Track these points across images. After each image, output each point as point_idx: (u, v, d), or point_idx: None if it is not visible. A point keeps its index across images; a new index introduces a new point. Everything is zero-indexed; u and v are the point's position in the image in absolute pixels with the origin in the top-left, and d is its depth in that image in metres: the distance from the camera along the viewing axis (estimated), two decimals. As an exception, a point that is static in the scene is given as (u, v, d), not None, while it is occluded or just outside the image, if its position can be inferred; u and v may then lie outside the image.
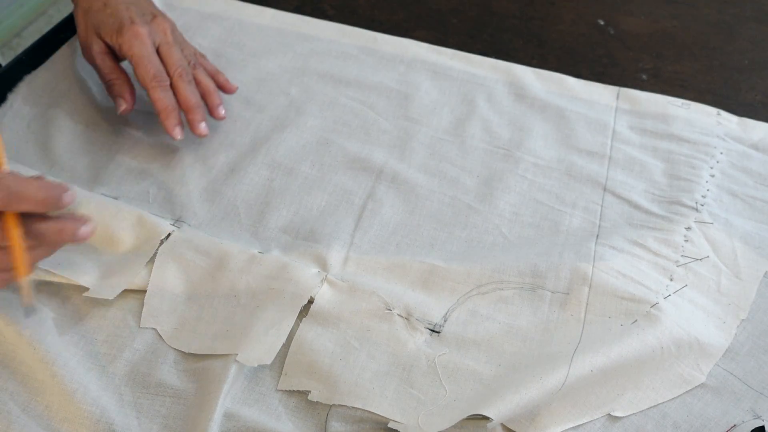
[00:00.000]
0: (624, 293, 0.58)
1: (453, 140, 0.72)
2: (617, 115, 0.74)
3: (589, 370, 0.52)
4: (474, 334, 0.56)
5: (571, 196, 0.67)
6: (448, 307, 0.58)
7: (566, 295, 0.58)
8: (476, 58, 0.80)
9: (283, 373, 0.54)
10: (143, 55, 0.66)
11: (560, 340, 0.56)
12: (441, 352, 0.55)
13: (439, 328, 0.57)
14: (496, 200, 0.66)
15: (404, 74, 0.78)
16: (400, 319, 0.57)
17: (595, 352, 0.53)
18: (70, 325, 0.55)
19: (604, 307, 0.57)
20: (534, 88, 0.77)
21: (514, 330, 0.57)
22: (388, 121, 0.73)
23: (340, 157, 0.70)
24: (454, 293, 0.59)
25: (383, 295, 0.58)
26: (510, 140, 0.72)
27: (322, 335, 0.56)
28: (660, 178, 0.68)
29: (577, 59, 0.83)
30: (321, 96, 0.75)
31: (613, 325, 0.56)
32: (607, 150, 0.71)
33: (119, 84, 0.68)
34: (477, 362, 0.55)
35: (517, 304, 0.58)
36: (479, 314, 0.58)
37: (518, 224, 0.65)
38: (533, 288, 0.59)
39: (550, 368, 0.52)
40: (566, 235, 0.64)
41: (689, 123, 0.73)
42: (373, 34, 0.82)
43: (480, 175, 0.69)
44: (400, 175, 0.68)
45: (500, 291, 0.59)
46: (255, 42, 0.80)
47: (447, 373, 0.54)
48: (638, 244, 0.62)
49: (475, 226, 0.64)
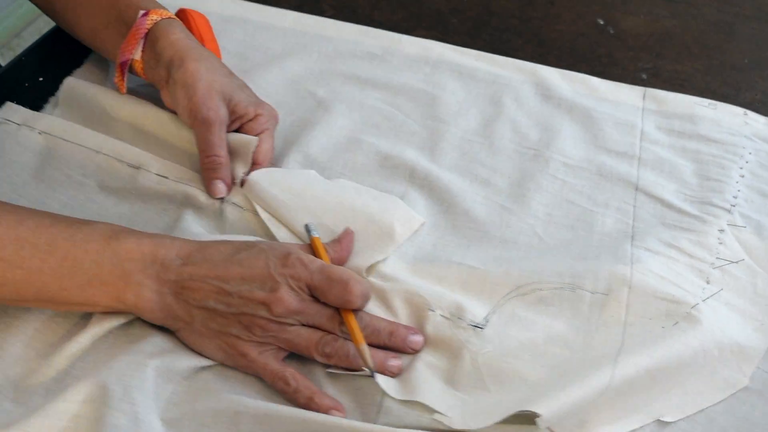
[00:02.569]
0: (664, 294, 0.57)
1: (482, 141, 0.70)
2: (644, 115, 0.74)
3: (634, 370, 0.51)
4: (516, 334, 0.55)
5: (603, 196, 0.66)
6: (488, 309, 0.57)
7: (606, 296, 0.57)
8: (501, 59, 0.79)
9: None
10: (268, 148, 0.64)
11: (601, 343, 0.55)
12: (485, 350, 0.54)
13: (482, 325, 0.55)
14: (529, 200, 0.65)
15: (430, 75, 0.76)
16: (443, 320, 0.55)
17: (639, 353, 0.52)
18: None
19: (645, 308, 0.56)
20: (560, 89, 0.75)
21: (555, 332, 0.55)
22: (416, 122, 0.72)
23: (371, 157, 0.68)
24: (493, 295, 0.57)
25: (425, 295, 0.56)
26: (539, 141, 0.70)
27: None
28: (690, 178, 0.67)
29: (576, 59, 0.82)
30: (348, 97, 0.73)
31: (655, 327, 0.55)
32: (636, 150, 0.70)
33: (225, 165, 0.62)
34: (520, 361, 0.54)
35: (556, 305, 0.57)
36: (519, 316, 0.56)
37: (552, 225, 0.64)
38: (573, 288, 0.57)
39: (595, 368, 0.51)
40: (600, 236, 0.63)
41: (717, 123, 0.72)
42: (396, 35, 0.81)
43: (511, 176, 0.67)
44: (432, 175, 0.67)
45: (539, 292, 0.57)
46: (278, 44, 0.79)
47: (491, 374, 0.53)
48: (673, 246, 0.61)
49: (510, 226, 0.63)
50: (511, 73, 0.77)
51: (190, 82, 0.62)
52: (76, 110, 0.70)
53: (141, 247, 0.52)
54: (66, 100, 0.71)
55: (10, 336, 0.53)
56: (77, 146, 0.66)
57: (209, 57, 0.66)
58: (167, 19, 0.67)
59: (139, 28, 0.65)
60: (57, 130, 0.67)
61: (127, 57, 0.66)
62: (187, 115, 0.63)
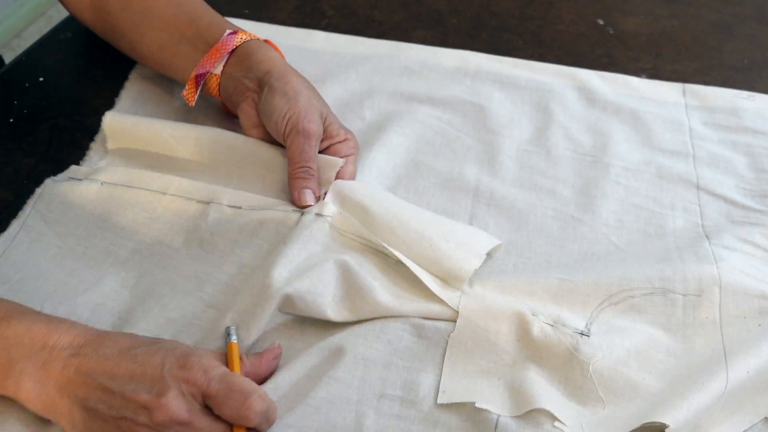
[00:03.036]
0: (754, 291, 0.57)
1: (539, 151, 0.70)
2: (688, 111, 0.74)
3: (745, 372, 0.51)
4: (622, 340, 0.54)
5: (668, 197, 0.66)
6: (586, 319, 0.55)
7: (698, 298, 0.56)
8: (538, 65, 0.78)
9: (441, 390, 0.51)
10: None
11: (702, 347, 0.54)
12: (594, 358, 0.52)
13: (587, 332, 0.54)
14: (597, 209, 0.65)
15: (472, 87, 0.75)
16: (548, 326, 0.54)
17: (745, 353, 0.52)
18: None
19: (738, 307, 0.56)
20: (602, 91, 0.75)
21: (655, 339, 0.55)
22: (469, 136, 0.70)
23: (432, 178, 0.66)
24: (586, 306, 0.56)
25: (527, 300, 0.55)
26: (594, 146, 0.70)
27: (474, 352, 0.53)
28: (746, 172, 0.69)
29: (576, 59, 0.82)
30: (396, 115, 0.71)
31: (752, 326, 0.55)
32: (689, 148, 0.71)
33: (316, 177, 0.61)
34: (631, 370, 0.53)
35: (649, 311, 0.56)
36: (616, 326, 0.55)
37: (625, 231, 0.63)
38: (664, 292, 0.57)
39: (708, 374, 0.51)
40: (674, 238, 0.63)
41: (759, 114, 0.74)
42: (432, 48, 0.80)
43: (575, 185, 0.67)
44: (497, 192, 0.65)
45: (631, 299, 0.57)
46: (314, 67, 0.76)
47: (604, 383, 0.52)
48: (748, 242, 0.61)
49: (585, 238, 0.63)
50: (551, 78, 0.77)
51: (292, 93, 0.62)
52: (131, 148, 0.67)
53: (31, 331, 0.48)
54: (114, 136, 0.67)
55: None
56: (142, 191, 0.63)
57: (306, 79, 0.67)
58: (259, 40, 0.68)
59: (226, 44, 0.66)
60: (120, 178, 0.63)
61: (207, 69, 0.66)
62: (284, 123, 0.62)
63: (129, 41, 0.72)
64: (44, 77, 0.76)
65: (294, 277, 0.55)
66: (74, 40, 0.77)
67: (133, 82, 0.75)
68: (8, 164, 0.68)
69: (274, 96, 0.63)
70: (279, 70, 0.65)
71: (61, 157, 0.68)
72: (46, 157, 0.68)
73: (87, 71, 0.78)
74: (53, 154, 0.69)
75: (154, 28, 0.70)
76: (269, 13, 0.86)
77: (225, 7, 0.86)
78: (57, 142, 0.70)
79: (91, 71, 0.78)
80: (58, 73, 0.77)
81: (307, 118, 0.62)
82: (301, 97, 0.63)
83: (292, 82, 0.64)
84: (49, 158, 0.68)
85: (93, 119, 0.71)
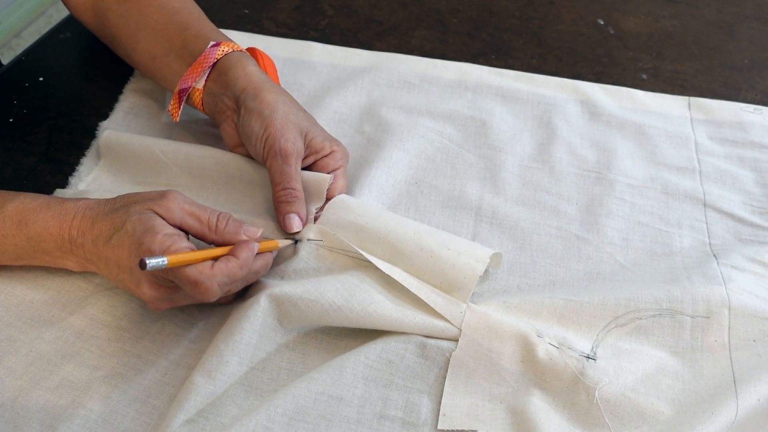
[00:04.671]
0: (765, 313, 0.55)
1: (542, 167, 0.68)
2: (694, 125, 0.72)
3: (756, 399, 0.50)
4: (629, 364, 0.53)
5: (674, 215, 0.65)
6: (592, 342, 0.54)
7: (707, 320, 0.55)
8: (540, 78, 0.76)
9: (442, 413, 0.50)
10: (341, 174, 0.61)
11: (711, 371, 0.53)
12: (601, 383, 0.51)
13: (593, 356, 0.53)
14: (602, 227, 0.63)
15: (473, 101, 0.73)
16: (553, 348, 0.52)
17: (756, 380, 0.51)
18: None
19: (747, 329, 0.55)
20: (606, 105, 0.73)
21: (662, 363, 0.53)
22: (470, 152, 0.68)
23: (433, 197, 0.65)
24: (592, 327, 0.55)
25: (532, 321, 0.53)
26: (598, 162, 0.68)
27: (476, 371, 0.52)
28: (753, 188, 0.67)
29: (576, 59, 0.80)
30: (396, 130, 0.69)
31: (762, 349, 0.54)
32: (695, 164, 0.69)
33: (301, 199, 0.59)
34: (637, 394, 0.51)
35: (657, 334, 0.55)
36: (622, 349, 0.54)
37: (631, 250, 0.62)
38: (672, 314, 0.55)
39: (718, 402, 0.50)
40: (682, 257, 0.61)
41: (766, 129, 0.72)
42: (430, 60, 0.77)
43: (579, 202, 0.65)
44: (500, 211, 0.64)
45: (638, 321, 0.55)
46: (312, 81, 0.74)
47: (610, 409, 0.51)
48: (756, 261, 0.60)
49: (590, 258, 0.61)
50: (553, 92, 0.75)
51: (267, 113, 0.60)
52: (122, 163, 0.66)
53: (49, 229, 0.54)
54: (108, 152, 0.67)
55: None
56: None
57: (284, 92, 0.63)
58: (240, 52, 0.65)
59: (208, 58, 0.64)
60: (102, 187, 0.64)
61: (189, 84, 0.64)
62: (262, 146, 0.60)
63: (125, 49, 0.71)
64: (44, 77, 0.76)
65: (285, 284, 0.54)
66: (74, 40, 0.77)
67: (127, 95, 0.73)
68: (8, 164, 0.68)
69: (250, 118, 0.60)
70: (254, 87, 0.62)
71: (60, 157, 0.68)
72: (46, 157, 0.68)
73: (87, 71, 0.77)
74: (53, 153, 0.68)
75: (147, 38, 0.68)
76: (269, 13, 0.86)
77: (225, 7, 0.86)
78: (57, 142, 0.70)
79: (91, 71, 0.77)
80: (58, 73, 0.76)
81: (284, 137, 0.59)
82: (277, 115, 0.60)
83: (266, 100, 0.61)
84: (49, 158, 0.68)
85: (92, 119, 0.71)
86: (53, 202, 0.56)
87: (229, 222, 0.54)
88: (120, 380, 0.52)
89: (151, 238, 0.50)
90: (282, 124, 0.60)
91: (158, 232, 0.51)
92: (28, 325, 0.55)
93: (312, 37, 0.82)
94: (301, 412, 0.50)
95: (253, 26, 0.83)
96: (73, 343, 0.54)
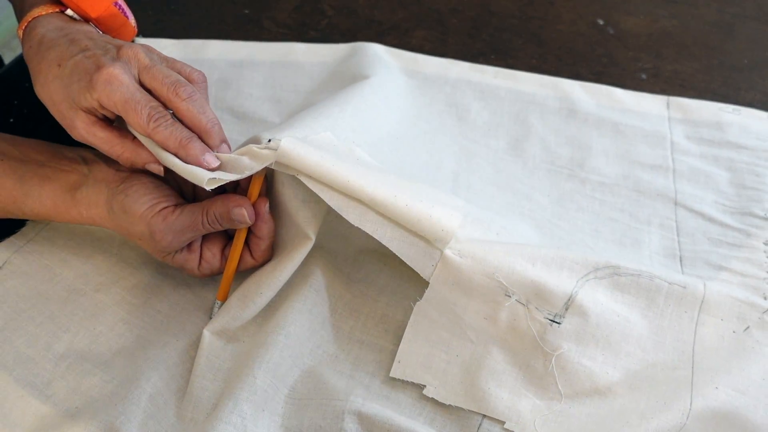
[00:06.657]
0: (738, 294, 0.54)
1: (515, 161, 0.68)
2: (671, 125, 0.72)
3: (713, 387, 0.49)
4: (594, 328, 0.52)
5: (645, 212, 0.64)
6: (569, 291, 0.52)
7: (683, 289, 0.54)
8: (520, 74, 0.76)
9: (397, 359, 0.51)
10: (127, 98, 0.50)
11: (673, 345, 0.52)
12: (559, 350, 0.51)
13: (559, 319, 0.52)
14: (573, 219, 0.64)
15: (451, 95, 0.74)
16: (520, 306, 0.52)
17: (715, 370, 0.50)
18: None
19: (719, 307, 0.54)
20: (584, 103, 0.73)
21: (630, 326, 0.52)
22: (446, 136, 0.69)
23: (414, 156, 0.65)
24: (572, 273, 0.53)
25: (502, 279, 0.52)
26: (571, 159, 0.68)
27: (437, 322, 0.52)
28: (727, 188, 0.66)
29: (576, 59, 0.80)
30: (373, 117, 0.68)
31: (725, 332, 0.53)
32: (669, 162, 0.68)
33: (131, 152, 0.53)
34: (594, 362, 0.51)
35: (632, 294, 0.53)
36: (598, 302, 0.53)
37: (602, 240, 0.62)
38: (651, 277, 0.54)
39: (673, 389, 0.49)
40: (650, 254, 0.61)
41: (744, 129, 0.71)
42: (412, 55, 0.78)
43: (550, 195, 0.65)
44: (474, 187, 0.64)
45: (617, 277, 0.54)
46: (303, 80, 0.76)
47: (564, 376, 0.51)
48: (723, 269, 0.59)
49: (561, 239, 0.61)
50: (532, 88, 0.75)
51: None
52: None
53: (99, 198, 0.55)
54: None
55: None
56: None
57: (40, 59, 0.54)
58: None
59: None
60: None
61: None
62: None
63: None
64: (44, 77, 0.76)
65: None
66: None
67: None
68: (8, 164, 0.68)
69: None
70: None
71: (61, 157, 0.68)
72: (46, 157, 0.68)
73: (87, 71, 0.78)
74: (53, 154, 0.69)
75: None
76: (269, 13, 0.86)
77: (225, 7, 0.86)
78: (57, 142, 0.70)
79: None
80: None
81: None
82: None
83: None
84: (49, 158, 0.68)
85: (93, 119, 0.71)
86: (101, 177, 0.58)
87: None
88: None
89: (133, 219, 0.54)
90: (61, 116, 0.55)
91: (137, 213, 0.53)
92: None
93: (312, 37, 0.82)
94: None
95: (253, 26, 0.83)
96: None
